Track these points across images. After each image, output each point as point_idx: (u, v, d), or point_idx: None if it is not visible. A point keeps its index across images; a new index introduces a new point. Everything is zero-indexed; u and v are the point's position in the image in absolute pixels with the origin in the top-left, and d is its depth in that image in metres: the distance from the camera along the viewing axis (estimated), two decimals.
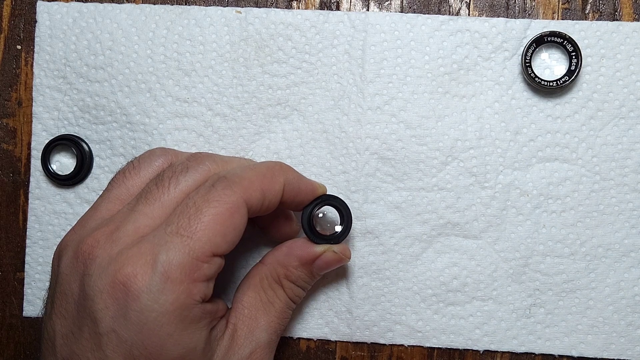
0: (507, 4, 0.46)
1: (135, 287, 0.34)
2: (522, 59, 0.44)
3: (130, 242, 0.36)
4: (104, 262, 0.36)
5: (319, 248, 0.41)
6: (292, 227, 0.44)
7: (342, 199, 0.42)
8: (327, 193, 0.43)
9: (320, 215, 0.43)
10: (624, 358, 0.44)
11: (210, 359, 0.38)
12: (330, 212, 0.43)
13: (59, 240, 0.47)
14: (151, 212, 0.37)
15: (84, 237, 0.37)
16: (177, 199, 0.38)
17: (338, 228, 0.42)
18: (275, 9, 0.46)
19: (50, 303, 0.38)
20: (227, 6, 0.47)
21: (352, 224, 0.43)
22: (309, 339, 0.47)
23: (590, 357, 0.45)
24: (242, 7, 0.47)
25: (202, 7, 0.46)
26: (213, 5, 0.47)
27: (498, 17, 0.45)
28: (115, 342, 0.35)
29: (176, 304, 0.35)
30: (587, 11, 0.45)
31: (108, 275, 0.35)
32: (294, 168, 0.42)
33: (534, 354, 0.45)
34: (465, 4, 0.46)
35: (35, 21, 0.47)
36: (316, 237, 0.42)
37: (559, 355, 0.45)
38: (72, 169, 0.47)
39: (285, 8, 0.46)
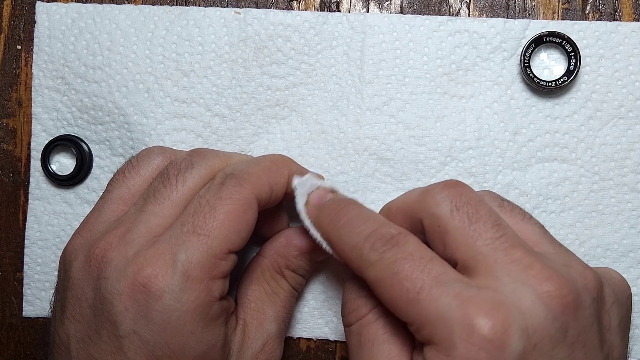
0: (507, 4, 0.46)
1: (156, 287, 0.35)
2: (521, 59, 0.44)
3: (145, 243, 0.36)
4: (120, 265, 0.36)
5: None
6: (283, 223, 0.44)
7: None
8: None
9: None
10: None
11: (228, 355, 0.39)
12: None
13: (59, 240, 0.47)
14: (161, 211, 0.38)
15: (95, 240, 0.38)
16: (186, 196, 0.38)
17: None
18: (274, 10, 0.46)
19: (59, 308, 0.38)
20: (227, 7, 0.47)
21: None
22: (309, 339, 0.47)
23: None
24: (242, 7, 0.47)
25: (201, 7, 0.46)
26: (212, 6, 0.47)
27: (498, 17, 0.45)
28: (137, 344, 0.35)
29: (197, 302, 0.35)
30: (587, 11, 0.45)
31: (126, 277, 0.35)
32: None
33: None
34: (465, 4, 0.46)
35: (35, 21, 0.47)
36: None
37: None
38: (72, 169, 0.47)
39: (285, 8, 0.46)
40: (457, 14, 0.46)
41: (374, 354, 0.34)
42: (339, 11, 0.46)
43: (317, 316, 0.46)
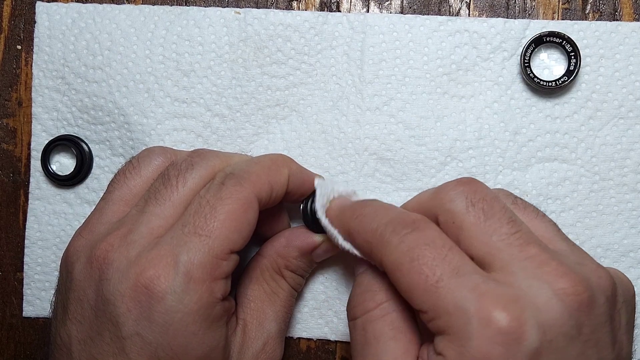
0: (507, 4, 0.46)
1: (158, 289, 0.35)
2: (521, 59, 0.44)
3: (146, 244, 0.36)
4: (122, 266, 0.36)
5: (318, 237, 0.42)
6: (284, 223, 0.44)
7: None
8: None
9: None
10: None
11: (228, 356, 0.39)
12: None
13: (59, 240, 0.47)
14: (162, 212, 0.38)
15: (96, 242, 0.38)
16: (186, 197, 0.38)
17: None
18: (275, 10, 0.46)
19: (61, 309, 0.39)
20: (227, 7, 0.47)
21: None
22: (309, 339, 0.47)
23: None
24: (242, 7, 0.47)
25: (201, 7, 0.46)
26: (212, 6, 0.47)
27: (498, 17, 0.45)
28: (139, 345, 0.35)
29: (200, 303, 0.35)
30: (587, 11, 0.45)
31: (129, 278, 0.35)
32: None
33: None
34: (465, 4, 0.46)
35: (35, 21, 0.47)
36: (317, 226, 0.42)
37: None
38: (72, 169, 0.47)
39: (285, 8, 0.46)
40: (457, 14, 0.46)
41: (380, 350, 0.34)
42: (339, 11, 0.46)
43: (317, 316, 0.46)
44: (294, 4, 0.47)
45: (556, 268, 0.32)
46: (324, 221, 0.39)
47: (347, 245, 0.38)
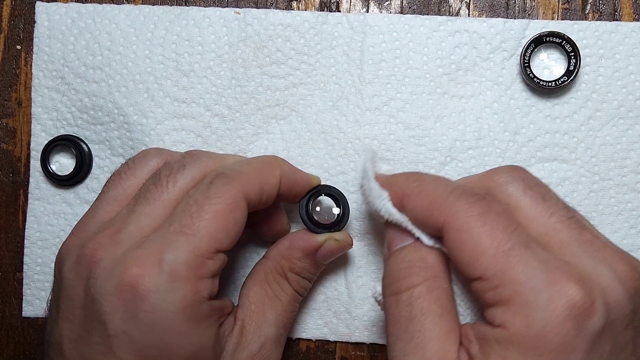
0: (507, 4, 0.46)
1: (143, 287, 0.35)
2: (520, 59, 0.44)
3: (134, 243, 0.36)
4: (108, 265, 0.36)
5: (321, 237, 0.42)
6: (283, 224, 0.44)
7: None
8: (322, 183, 0.43)
9: (318, 206, 0.43)
10: None
11: (220, 356, 0.38)
12: (327, 201, 0.43)
13: (58, 240, 0.47)
14: (152, 211, 0.38)
15: (86, 241, 0.38)
16: (176, 197, 0.38)
17: (336, 210, 0.43)
18: (274, 10, 0.46)
19: (54, 308, 0.39)
20: (227, 7, 0.47)
21: (350, 215, 0.43)
22: (308, 340, 0.47)
23: None
24: (242, 7, 0.47)
25: (200, 7, 0.46)
26: (212, 6, 0.47)
27: (498, 17, 0.45)
28: (127, 343, 0.35)
29: (185, 302, 0.35)
30: (587, 11, 0.45)
31: (114, 277, 0.35)
32: None
33: None
34: (465, 4, 0.46)
35: (35, 22, 0.47)
36: (316, 227, 0.42)
37: None
38: (72, 169, 0.47)
39: (285, 8, 0.46)
40: (457, 14, 0.46)
41: (427, 326, 0.33)
42: (339, 11, 0.46)
43: (317, 316, 0.46)
44: (294, 4, 0.47)
45: (614, 253, 0.32)
46: (372, 184, 0.38)
47: (392, 210, 0.36)
